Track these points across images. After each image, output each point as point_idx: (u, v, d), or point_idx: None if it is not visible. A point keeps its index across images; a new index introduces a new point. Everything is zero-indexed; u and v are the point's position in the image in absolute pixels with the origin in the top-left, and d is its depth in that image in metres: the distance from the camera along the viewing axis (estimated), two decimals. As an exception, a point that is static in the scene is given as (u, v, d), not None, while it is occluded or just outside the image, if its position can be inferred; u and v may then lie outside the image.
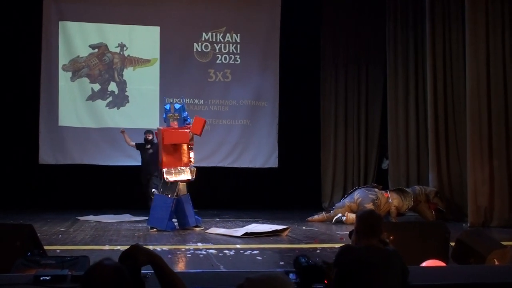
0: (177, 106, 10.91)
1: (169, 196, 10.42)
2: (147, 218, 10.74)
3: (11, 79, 14.37)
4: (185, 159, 10.57)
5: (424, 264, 5.50)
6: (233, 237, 9.51)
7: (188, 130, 10.62)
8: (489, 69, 11.79)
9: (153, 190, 11.58)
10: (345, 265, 3.69)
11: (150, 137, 12.68)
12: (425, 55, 13.72)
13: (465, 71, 12.24)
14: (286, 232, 9.89)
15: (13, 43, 14.37)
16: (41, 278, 3.87)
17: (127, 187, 14.28)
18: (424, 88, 14.14)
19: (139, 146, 12.95)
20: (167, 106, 11.00)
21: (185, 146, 10.61)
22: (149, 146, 12.69)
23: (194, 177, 10.61)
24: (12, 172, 14.27)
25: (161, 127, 10.96)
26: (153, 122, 14.53)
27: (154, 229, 10.24)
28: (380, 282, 3.63)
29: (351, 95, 15.70)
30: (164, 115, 11.04)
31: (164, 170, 10.48)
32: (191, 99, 14.80)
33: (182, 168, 10.52)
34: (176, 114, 10.79)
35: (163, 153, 10.57)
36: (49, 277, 3.89)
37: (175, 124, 10.77)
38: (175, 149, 10.59)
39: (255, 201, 14.84)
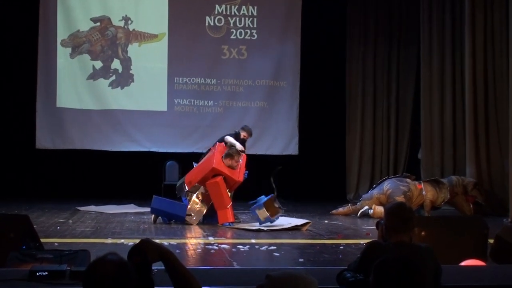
0: None
1: None
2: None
3: (5, 56, 14.38)
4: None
5: (462, 264, 5.48)
6: (247, 230, 9.53)
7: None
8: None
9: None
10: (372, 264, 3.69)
11: (247, 138, 11.70)
12: (464, 32, 13.59)
13: (508, 50, 12.12)
14: (306, 227, 9.89)
15: (7, 17, 14.36)
16: (37, 274, 3.90)
17: (132, 175, 14.34)
18: (462, 69, 14.02)
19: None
20: None
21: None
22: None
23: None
24: (6, 158, 14.35)
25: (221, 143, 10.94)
26: (160, 103, 14.62)
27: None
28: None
29: (380, 76, 15.62)
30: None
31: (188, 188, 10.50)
32: (202, 79, 14.80)
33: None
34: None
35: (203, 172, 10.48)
36: (46, 273, 3.92)
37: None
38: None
39: (273, 192, 14.83)
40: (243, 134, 11.61)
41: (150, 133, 14.58)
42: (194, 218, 10.26)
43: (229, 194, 10.41)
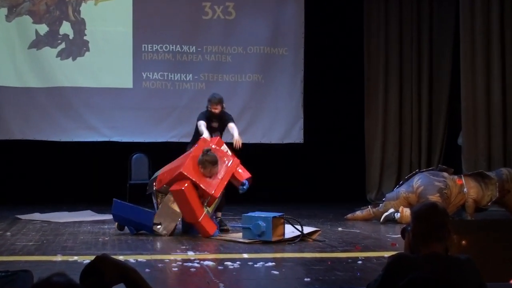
0: None
1: None
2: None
3: None
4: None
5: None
6: (238, 242, 9.54)
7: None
8: None
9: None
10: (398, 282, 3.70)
11: (218, 110, 11.40)
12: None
13: None
14: (315, 236, 9.89)
15: None
16: (-37, 302, 3.92)
17: (88, 172, 14.32)
18: (513, 28, 14.06)
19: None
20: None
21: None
22: (215, 121, 11.51)
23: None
24: None
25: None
26: (124, 79, 14.60)
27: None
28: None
29: (408, 40, 15.60)
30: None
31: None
32: (178, 46, 14.77)
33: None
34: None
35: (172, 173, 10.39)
36: (-25, 301, 3.93)
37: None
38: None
39: (271, 191, 14.83)
40: (209, 107, 11.41)
41: (111, 118, 14.59)
42: (163, 229, 10.16)
43: (205, 207, 10.21)
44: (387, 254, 8.12)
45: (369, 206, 12.84)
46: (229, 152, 10.81)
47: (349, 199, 14.25)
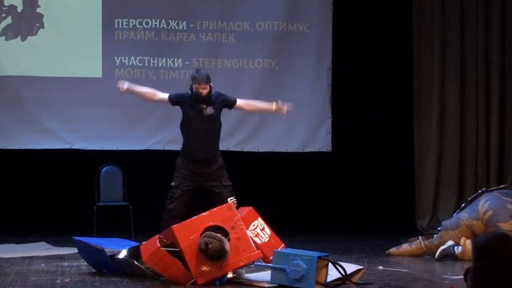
0: None
1: None
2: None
3: None
4: None
5: None
6: (250, 285, 9.53)
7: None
8: None
9: (230, 199, 11.21)
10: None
11: (206, 90, 11.66)
12: None
13: None
14: (357, 277, 9.79)
15: None
16: None
17: (42, 192, 14.33)
18: None
19: (178, 100, 12.00)
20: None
21: None
22: (203, 104, 11.76)
23: None
24: None
25: None
26: (91, 65, 14.62)
27: None
28: None
29: (472, 15, 15.60)
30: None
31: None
32: (163, 21, 14.78)
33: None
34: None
35: None
36: None
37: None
38: None
39: (288, 216, 14.83)
40: (194, 87, 11.61)
41: (72, 118, 14.61)
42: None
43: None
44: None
45: (420, 238, 12.82)
46: (264, 232, 10.23)
47: (393, 227, 14.30)
